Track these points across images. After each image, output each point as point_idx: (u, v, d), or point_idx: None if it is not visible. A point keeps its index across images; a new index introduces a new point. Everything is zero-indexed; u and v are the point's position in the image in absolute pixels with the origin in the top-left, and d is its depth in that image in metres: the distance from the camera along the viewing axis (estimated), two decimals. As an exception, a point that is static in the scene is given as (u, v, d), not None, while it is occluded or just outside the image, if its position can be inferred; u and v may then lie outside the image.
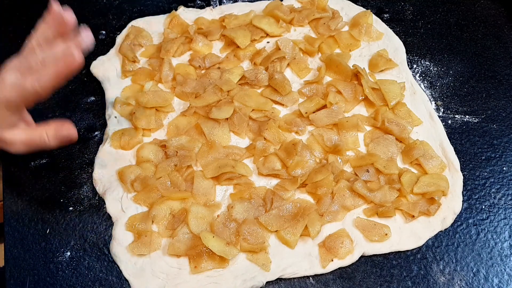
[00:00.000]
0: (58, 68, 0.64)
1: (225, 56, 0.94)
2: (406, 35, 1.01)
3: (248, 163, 0.81)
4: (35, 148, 0.69)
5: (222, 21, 0.98)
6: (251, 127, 0.84)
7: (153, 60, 0.92)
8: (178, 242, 0.72)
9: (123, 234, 0.73)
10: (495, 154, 0.85)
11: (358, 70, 0.88)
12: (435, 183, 0.77)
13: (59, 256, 0.73)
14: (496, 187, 0.81)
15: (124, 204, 0.76)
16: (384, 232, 0.74)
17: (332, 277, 0.72)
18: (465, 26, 1.03)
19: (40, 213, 0.77)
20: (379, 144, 0.82)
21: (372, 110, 0.87)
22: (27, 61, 0.66)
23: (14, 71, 0.65)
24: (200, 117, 0.84)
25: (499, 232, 0.76)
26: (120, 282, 0.71)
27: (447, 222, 0.76)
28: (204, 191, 0.77)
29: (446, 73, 0.96)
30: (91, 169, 0.81)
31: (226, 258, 0.70)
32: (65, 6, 0.67)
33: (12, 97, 0.65)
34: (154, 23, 0.99)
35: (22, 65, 0.66)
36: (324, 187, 0.76)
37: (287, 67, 0.93)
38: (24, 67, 0.65)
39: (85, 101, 0.90)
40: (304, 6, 1.02)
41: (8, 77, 0.65)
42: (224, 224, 0.73)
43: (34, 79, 0.64)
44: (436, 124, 0.86)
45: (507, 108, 0.91)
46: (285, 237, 0.72)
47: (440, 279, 0.72)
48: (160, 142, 0.81)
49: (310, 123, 0.85)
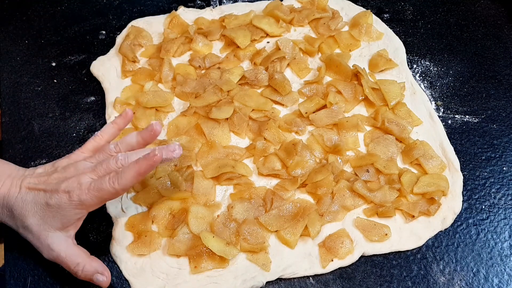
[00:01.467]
0: (140, 167, 0.63)
1: (225, 56, 0.94)
2: (406, 35, 1.01)
3: (248, 163, 0.81)
4: (63, 266, 0.66)
5: (222, 21, 0.98)
6: (251, 127, 0.84)
7: (153, 60, 0.92)
8: (178, 242, 0.72)
9: (123, 234, 0.73)
10: (495, 154, 0.85)
11: (358, 70, 0.88)
12: (435, 183, 0.77)
13: (59, 256, 0.72)
14: (496, 187, 0.81)
15: (124, 204, 0.76)
16: (384, 232, 0.74)
17: (332, 277, 0.72)
18: (465, 26, 1.03)
19: (40, 213, 0.76)
20: (379, 144, 0.82)
21: (372, 110, 0.87)
22: (106, 163, 0.65)
23: (90, 174, 0.64)
24: (200, 117, 0.84)
25: (499, 232, 0.76)
26: (120, 282, 0.71)
27: (447, 222, 0.76)
28: (204, 191, 0.77)
29: (446, 73, 0.96)
30: (91, 169, 0.81)
31: (226, 258, 0.70)
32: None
33: (87, 200, 0.63)
34: (154, 23, 0.99)
35: (98, 168, 0.65)
36: (324, 187, 0.76)
37: (287, 67, 0.93)
38: (101, 169, 0.65)
39: (85, 101, 0.90)
40: (304, 6, 1.02)
41: (84, 179, 0.64)
42: (224, 224, 0.73)
43: (114, 179, 0.63)
44: (436, 124, 0.86)
45: (507, 108, 0.91)
46: (285, 237, 0.72)
47: (440, 279, 0.72)
48: (160, 142, 0.81)
49: (310, 123, 0.85)
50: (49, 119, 0.87)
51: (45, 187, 0.64)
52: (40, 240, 0.64)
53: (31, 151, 0.83)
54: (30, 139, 0.84)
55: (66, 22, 1.02)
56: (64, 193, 0.63)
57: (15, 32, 0.99)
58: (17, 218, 0.65)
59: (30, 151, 0.83)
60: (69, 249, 0.65)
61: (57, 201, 0.63)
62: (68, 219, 0.64)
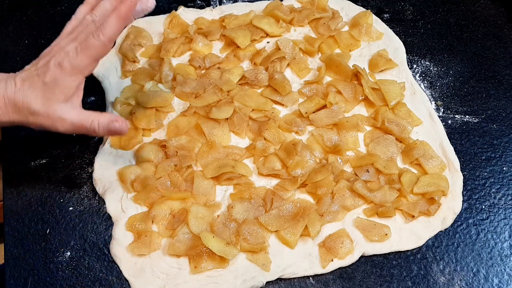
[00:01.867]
0: (119, 11, 0.66)
1: (225, 56, 0.94)
2: (406, 35, 1.01)
3: (248, 163, 0.81)
4: (81, 131, 0.70)
5: (222, 21, 0.98)
6: (251, 127, 0.84)
7: (153, 60, 0.92)
8: (178, 242, 0.72)
9: (123, 234, 0.73)
10: (495, 154, 0.85)
11: (358, 70, 0.88)
12: (435, 183, 0.77)
13: (59, 256, 0.73)
14: (496, 187, 0.81)
15: (124, 204, 0.76)
16: (384, 232, 0.74)
17: (332, 277, 0.72)
18: (465, 26, 1.03)
19: (40, 213, 0.77)
20: (379, 144, 0.82)
21: (372, 110, 0.87)
22: (85, 28, 0.68)
23: (73, 42, 0.67)
24: (200, 117, 0.84)
25: (499, 232, 0.76)
26: (120, 282, 0.71)
27: (447, 222, 0.76)
28: (204, 191, 0.77)
29: (446, 73, 0.96)
30: (91, 169, 0.81)
31: (226, 258, 0.70)
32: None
33: (78, 63, 0.66)
34: (154, 23, 0.99)
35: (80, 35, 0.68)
36: (324, 187, 0.76)
37: (287, 67, 0.93)
38: (83, 35, 0.68)
39: (85, 101, 0.89)
40: (304, 6, 1.02)
41: (70, 47, 0.67)
42: (224, 224, 0.73)
43: (98, 33, 0.65)
44: (436, 124, 0.86)
45: (507, 108, 0.91)
46: (285, 237, 0.72)
47: (440, 279, 0.72)
48: (160, 142, 0.81)
49: (310, 123, 0.85)
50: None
51: (37, 72, 0.68)
52: (50, 116, 0.67)
53: (31, 151, 0.83)
54: (30, 139, 0.84)
55: (66, 22, 1.01)
56: (55, 67, 0.66)
57: (15, 32, 0.99)
58: (22, 109, 0.67)
59: (30, 151, 0.83)
60: (80, 114, 0.69)
61: (51, 76, 0.66)
62: (68, 89, 0.68)
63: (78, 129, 0.69)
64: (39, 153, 0.83)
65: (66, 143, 0.84)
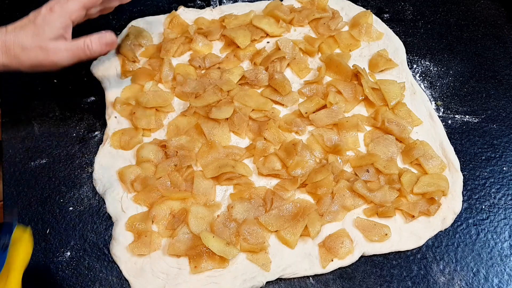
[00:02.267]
0: None
1: (225, 56, 0.94)
2: (406, 35, 1.01)
3: (248, 163, 0.81)
4: (79, 56, 0.74)
5: (222, 21, 0.98)
6: (251, 127, 0.84)
7: (153, 60, 0.92)
8: (178, 242, 0.72)
9: (123, 234, 0.73)
10: (495, 154, 0.85)
11: (358, 70, 0.88)
12: (435, 183, 0.77)
13: (59, 256, 0.73)
14: (496, 187, 0.81)
15: (124, 204, 0.76)
16: (384, 232, 0.74)
17: (332, 277, 0.72)
18: (465, 26, 1.03)
19: (40, 213, 0.77)
20: (379, 144, 0.82)
21: (372, 110, 0.87)
22: None
23: None
24: (200, 117, 0.84)
25: (499, 232, 0.76)
26: (120, 282, 0.71)
27: (447, 222, 0.76)
28: (204, 191, 0.77)
29: (446, 73, 0.96)
30: (91, 169, 0.81)
31: (226, 258, 0.70)
32: None
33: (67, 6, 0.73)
34: (154, 23, 0.99)
35: None
36: (324, 187, 0.76)
37: (287, 67, 0.93)
38: None
39: (85, 101, 0.90)
40: (304, 6, 1.02)
41: None
42: (224, 224, 0.73)
43: None
44: (436, 124, 0.86)
45: (507, 108, 0.91)
46: (285, 237, 0.72)
47: (440, 279, 0.72)
48: (160, 142, 0.81)
49: (310, 123, 0.85)
50: (49, 119, 0.87)
51: (28, 18, 0.74)
52: (43, 48, 0.72)
53: (31, 151, 0.83)
54: (30, 139, 0.84)
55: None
56: (46, 10, 0.74)
57: (15, 32, 0.99)
58: (13, 47, 0.72)
59: (30, 151, 0.83)
60: (72, 42, 0.75)
61: (41, 18, 0.73)
62: (57, 29, 0.73)
63: (73, 54, 0.74)
64: (39, 153, 0.83)
65: (66, 143, 0.84)
